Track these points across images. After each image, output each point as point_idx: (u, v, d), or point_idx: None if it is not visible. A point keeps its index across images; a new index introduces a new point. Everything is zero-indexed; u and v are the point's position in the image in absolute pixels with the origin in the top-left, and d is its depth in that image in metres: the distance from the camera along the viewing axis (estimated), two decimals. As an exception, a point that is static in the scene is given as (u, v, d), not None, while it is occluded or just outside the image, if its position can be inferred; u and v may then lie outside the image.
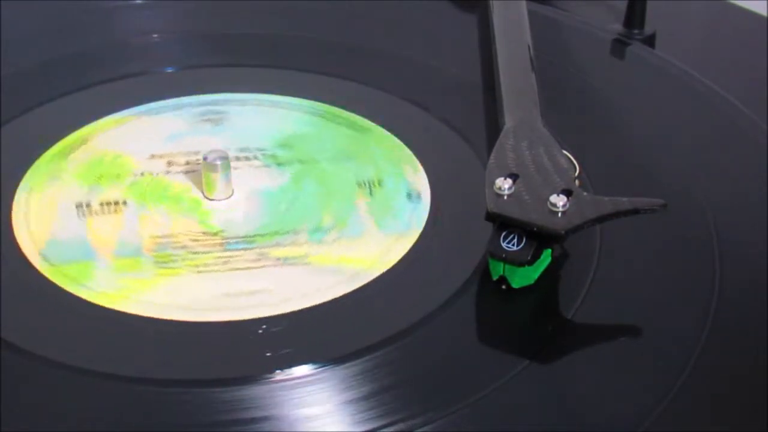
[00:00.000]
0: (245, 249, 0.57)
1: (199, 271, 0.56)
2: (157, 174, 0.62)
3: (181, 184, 0.61)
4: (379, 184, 0.62)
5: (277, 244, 0.58)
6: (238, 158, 0.63)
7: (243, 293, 0.55)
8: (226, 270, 0.56)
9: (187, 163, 0.63)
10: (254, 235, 0.58)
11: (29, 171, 0.62)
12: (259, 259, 0.57)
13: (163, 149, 0.64)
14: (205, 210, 0.60)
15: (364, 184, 0.62)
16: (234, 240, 0.58)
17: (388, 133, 0.65)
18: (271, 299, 0.54)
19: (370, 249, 0.57)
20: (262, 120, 0.67)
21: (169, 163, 0.63)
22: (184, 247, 0.57)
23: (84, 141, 0.64)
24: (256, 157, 0.64)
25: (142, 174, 0.62)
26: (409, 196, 0.61)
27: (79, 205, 0.60)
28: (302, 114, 0.67)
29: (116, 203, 0.60)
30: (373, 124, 0.66)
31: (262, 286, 0.55)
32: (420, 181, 0.62)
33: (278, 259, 0.57)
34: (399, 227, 0.59)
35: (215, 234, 0.58)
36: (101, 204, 0.60)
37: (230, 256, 0.57)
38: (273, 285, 0.55)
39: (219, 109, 0.67)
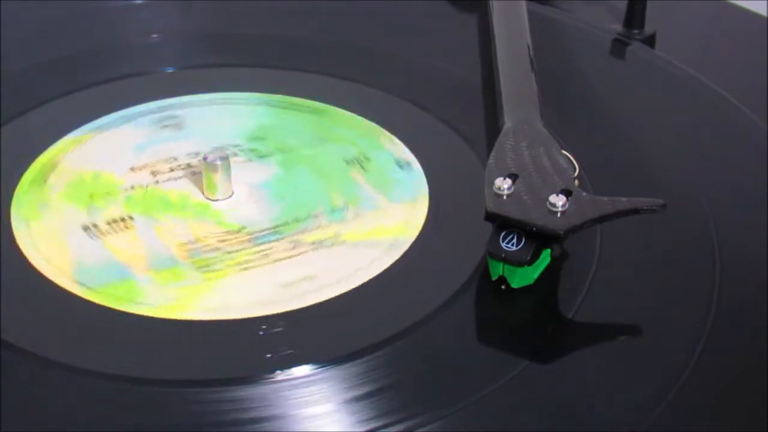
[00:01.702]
0: (276, 240, 0.57)
1: (243, 269, 0.56)
2: (148, 185, 0.61)
3: (176, 190, 0.61)
4: (366, 159, 0.63)
5: (305, 230, 0.58)
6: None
7: (299, 280, 0.55)
8: (269, 263, 0.56)
9: (172, 169, 0.62)
10: (277, 226, 0.58)
11: (13, 203, 0.59)
12: (295, 247, 0.57)
13: (139, 161, 0.63)
14: (215, 211, 0.60)
15: (353, 161, 0.63)
16: (261, 233, 0.58)
17: (351, 113, 0.66)
18: (328, 280, 0.55)
19: (394, 218, 0.59)
20: (222, 118, 0.66)
21: (154, 173, 0.62)
22: (216, 249, 0.57)
23: (54, 165, 0.62)
24: (235, 154, 0.63)
25: (132, 188, 0.61)
26: (399, 164, 0.62)
27: (86, 228, 0.58)
28: (260, 107, 0.67)
29: (123, 219, 0.59)
30: (330, 105, 0.67)
31: (314, 271, 0.55)
32: (400, 149, 0.63)
33: (313, 243, 0.57)
34: (407, 196, 0.60)
35: (239, 231, 0.58)
36: (108, 223, 0.59)
37: (266, 249, 0.57)
38: (322, 267, 0.56)
39: (174, 114, 0.67)
